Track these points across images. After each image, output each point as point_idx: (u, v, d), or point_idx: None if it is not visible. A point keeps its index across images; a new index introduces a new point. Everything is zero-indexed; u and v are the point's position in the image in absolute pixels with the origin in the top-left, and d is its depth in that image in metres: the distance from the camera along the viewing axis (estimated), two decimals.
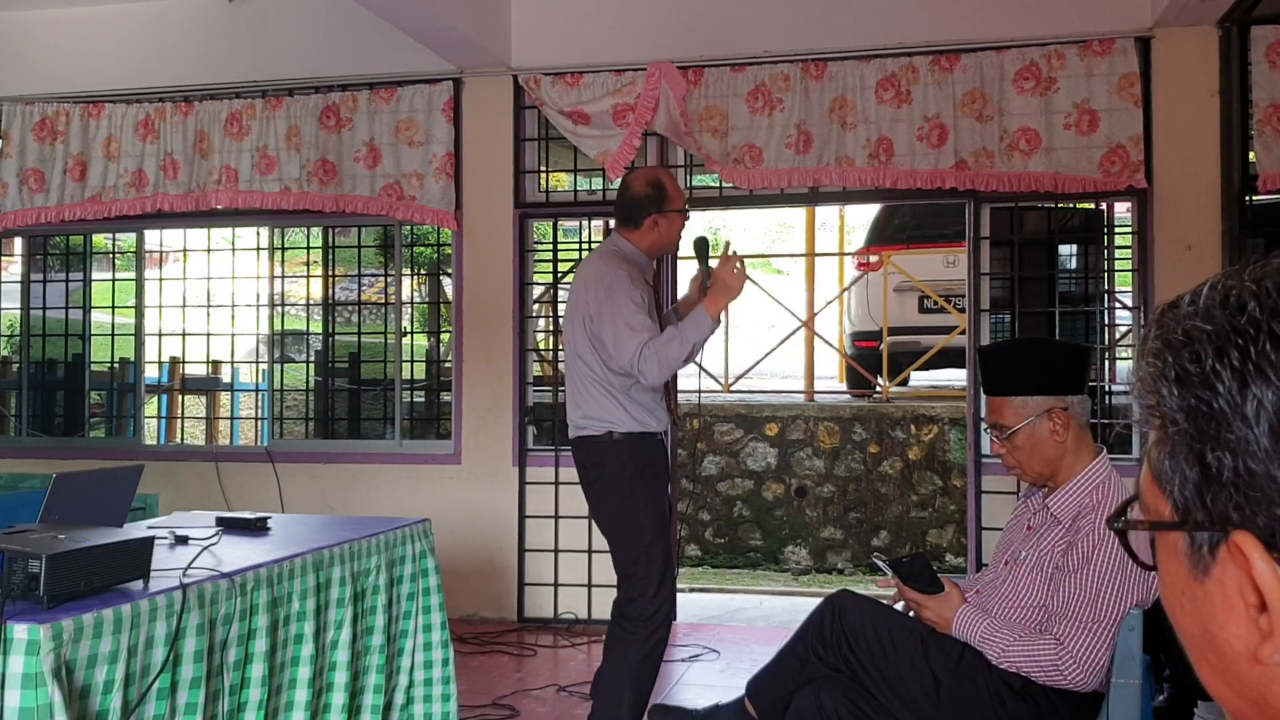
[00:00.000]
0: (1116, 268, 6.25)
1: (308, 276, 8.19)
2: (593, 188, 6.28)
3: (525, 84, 5.81)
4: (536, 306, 6.16)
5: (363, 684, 3.09)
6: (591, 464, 3.69)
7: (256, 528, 3.21)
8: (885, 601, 2.84)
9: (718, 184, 5.89)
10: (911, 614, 2.75)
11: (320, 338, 8.36)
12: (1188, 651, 0.67)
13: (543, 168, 6.10)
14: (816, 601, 2.96)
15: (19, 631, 2.00)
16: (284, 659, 2.71)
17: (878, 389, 8.86)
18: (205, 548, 2.79)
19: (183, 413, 9.20)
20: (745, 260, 3.62)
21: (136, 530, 2.81)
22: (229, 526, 3.20)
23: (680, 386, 6.67)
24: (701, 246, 3.78)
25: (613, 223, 6.58)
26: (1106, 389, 5.98)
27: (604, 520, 3.72)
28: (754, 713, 2.93)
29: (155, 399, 8.91)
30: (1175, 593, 0.66)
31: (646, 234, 3.73)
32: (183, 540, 2.93)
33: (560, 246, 6.33)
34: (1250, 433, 0.58)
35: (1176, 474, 0.63)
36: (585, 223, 6.24)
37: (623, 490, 3.61)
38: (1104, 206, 6.35)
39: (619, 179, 5.74)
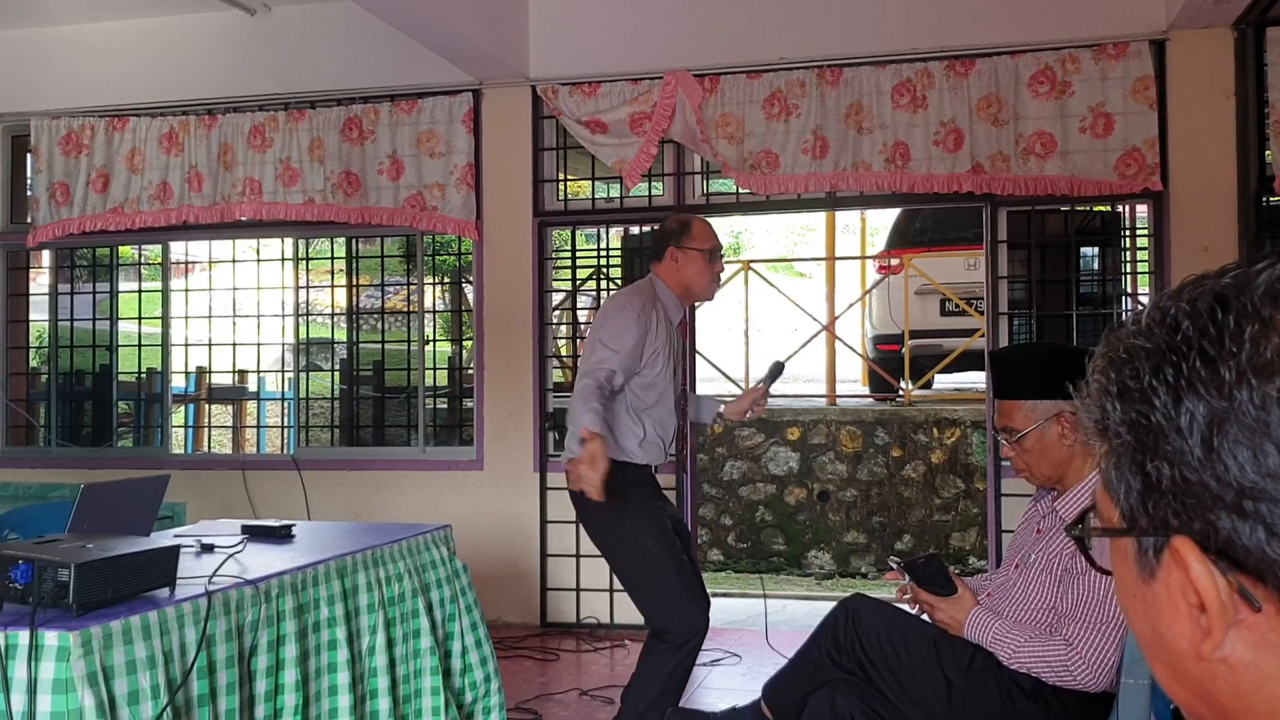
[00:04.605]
0: (1137, 269, 6.24)
1: (332, 285, 8.26)
2: (610, 196, 6.33)
3: (543, 94, 5.87)
4: (556, 314, 6.21)
5: (417, 687, 3.14)
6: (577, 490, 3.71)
7: (281, 535, 3.27)
8: (895, 601, 2.88)
9: (735, 190, 5.93)
10: (924, 615, 2.78)
11: (345, 346, 8.45)
12: (1142, 650, 0.71)
13: (561, 176, 6.16)
14: None
15: (49, 638, 2.06)
16: (318, 665, 2.76)
17: (900, 392, 8.87)
18: (230, 555, 2.85)
19: (209, 422, 9.31)
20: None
21: (162, 539, 2.87)
22: (254, 534, 3.26)
23: (700, 392, 6.71)
24: (775, 370, 4.00)
25: (633, 229, 6.68)
26: None
27: (604, 549, 3.72)
28: (770, 716, 2.97)
29: (182, 408, 9.01)
30: (1127, 595, 0.70)
31: (667, 267, 3.80)
32: (208, 548, 2.99)
33: (579, 254, 6.38)
34: (1185, 444, 0.62)
35: (1122, 483, 0.67)
36: (603, 230, 6.29)
37: (612, 514, 3.60)
38: (1124, 208, 6.35)
39: (636, 186, 5.80)
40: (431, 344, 7.13)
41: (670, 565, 3.56)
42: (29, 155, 6.74)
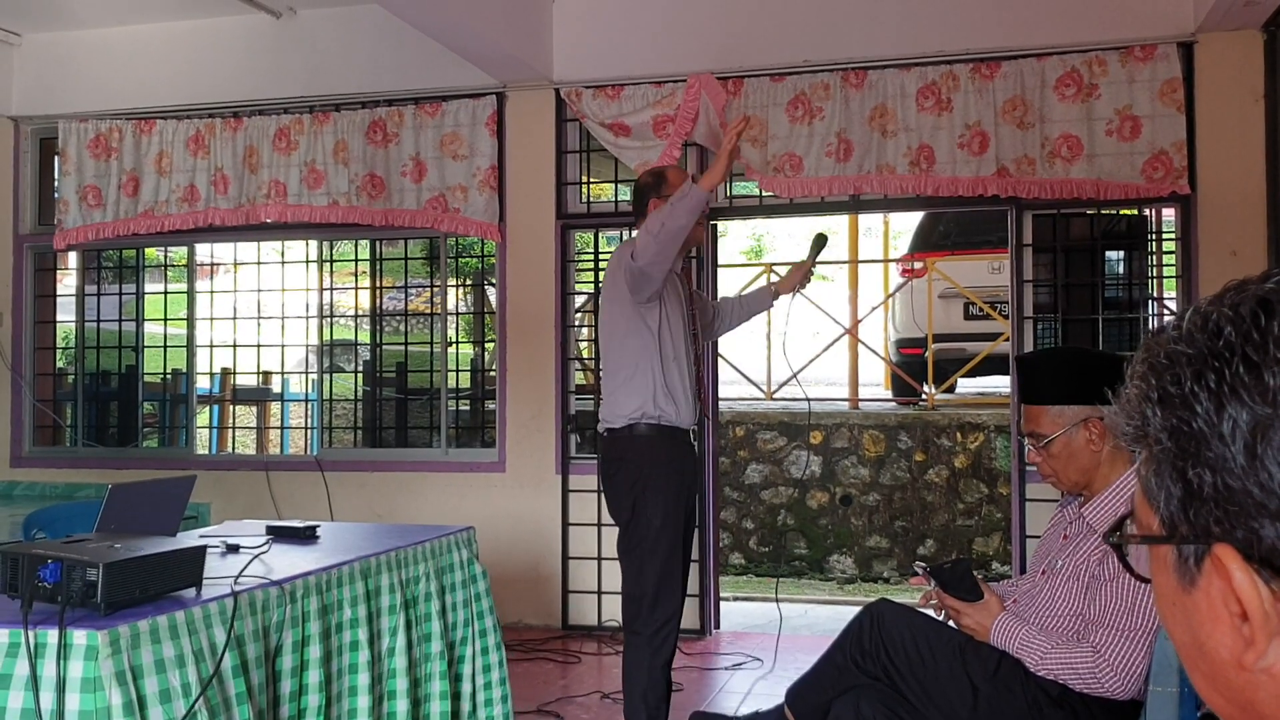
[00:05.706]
0: (1163, 273, 6.20)
1: (356, 287, 8.31)
2: None
3: (566, 97, 5.87)
4: (579, 316, 6.21)
5: (426, 692, 3.14)
6: (613, 458, 3.75)
7: (305, 536, 3.28)
8: (920, 606, 2.86)
9: (758, 193, 5.92)
10: (949, 621, 2.76)
11: (368, 348, 8.47)
12: (1181, 659, 0.70)
13: (584, 179, 6.16)
14: None
15: (78, 637, 2.07)
16: (340, 666, 2.76)
17: (923, 396, 8.83)
18: (255, 556, 2.86)
19: (234, 422, 9.35)
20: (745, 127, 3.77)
21: (189, 539, 2.89)
22: (279, 535, 3.27)
23: (722, 394, 6.71)
24: (820, 242, 4.10)
25: None
26: None
27: (614, 509, 3.75)
28: None
29: (207, 409, 9.07)
30: (1167, 603, 0.69)
31: None
32: (234, 549, 3.00)
33: (601, 256, 6.38)
34: (1227, 450, 0.61)
35: (1162, 490, 0.66)
36: (626, 233, 6.28)
37: (637, 483, 3.65)
38: (1150, 212, 6.30)
39: None
40: (454, 346, 7.15)
41: (666, 551, 3.62)
42: (56, 158, 6.79)
